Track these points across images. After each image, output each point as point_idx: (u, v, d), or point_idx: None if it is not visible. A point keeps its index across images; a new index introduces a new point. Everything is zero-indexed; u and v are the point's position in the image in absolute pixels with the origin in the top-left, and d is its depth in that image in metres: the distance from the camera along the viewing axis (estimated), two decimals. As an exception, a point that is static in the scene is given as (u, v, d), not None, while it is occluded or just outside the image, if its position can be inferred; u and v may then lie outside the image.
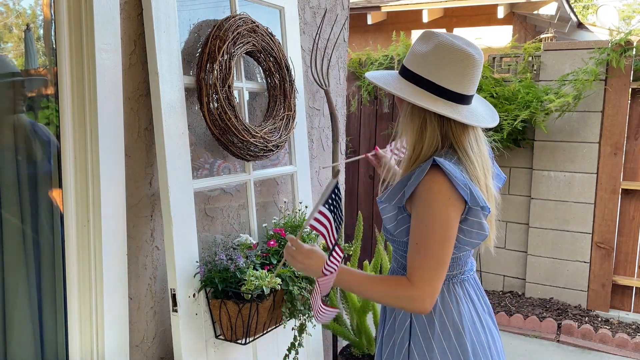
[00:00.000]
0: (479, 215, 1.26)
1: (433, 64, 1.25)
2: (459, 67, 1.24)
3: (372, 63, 4.58)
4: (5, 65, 1.70)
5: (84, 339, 1.69)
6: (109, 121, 1.64)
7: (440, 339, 1.33)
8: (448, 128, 1.28)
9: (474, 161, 1.28)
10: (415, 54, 1.29)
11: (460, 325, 1.33)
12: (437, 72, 1.25)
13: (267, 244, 2.08)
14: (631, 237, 3.94)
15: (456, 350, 1.32)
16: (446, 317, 1.34)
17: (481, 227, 1.28)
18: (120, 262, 1.70)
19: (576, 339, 3.58)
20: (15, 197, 1.73)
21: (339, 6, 2.96)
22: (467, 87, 1.27)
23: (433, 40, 1.26)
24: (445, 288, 1.35)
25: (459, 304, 1.35)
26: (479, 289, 1.46)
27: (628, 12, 16.48)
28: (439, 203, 1.22)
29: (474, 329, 1.35)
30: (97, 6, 1.58)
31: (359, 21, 7.40)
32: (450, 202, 1.21)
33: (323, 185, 2.89)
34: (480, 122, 1.28)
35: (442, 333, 1.33)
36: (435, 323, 1.34)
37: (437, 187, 1.21)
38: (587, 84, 3.74)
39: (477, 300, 1.42)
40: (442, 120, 1.28)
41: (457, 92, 1.26)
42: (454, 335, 1.33)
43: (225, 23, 1.93)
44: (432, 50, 1.25)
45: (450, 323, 1.33)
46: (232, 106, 1.93)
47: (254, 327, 1.85)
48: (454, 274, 1.37)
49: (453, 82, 1.25)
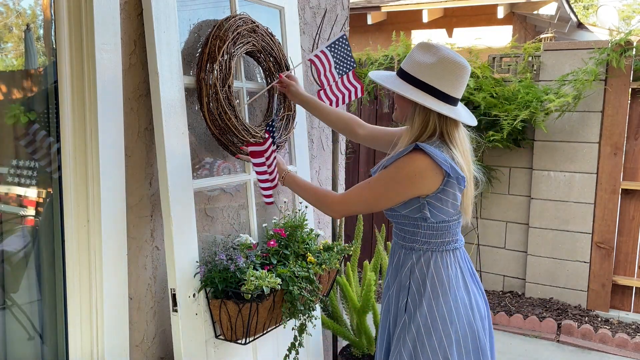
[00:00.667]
0: (454, 188, 1.54)
1: (437, 73, 1.54)
2: (455, 76, 1.55)
3: (372, 63, 4.58)
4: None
5: (84, 339, 1.69)
6: (109, 121, 1.64)
7: (429, 297, 1.59)
8: (444, 124, 1.58)
9: (460, 150, 1.58)
10: (419, 63, 1.56)
11: (447, 286, 1.59)
12: (438, 79, 1.54)
13: (267, 244, 2.08)
14: (631, 237, 3.94)
15: (441, 308, 1.57)
16: (437, 279, 1.60)
17: (455, 198, 1.56)
18: (120, 262, 1.70)
19: (576, 339, 3.58)
20: (15, 197, 1.73)
21: (339, 6, 2.96)
22: (459, 92, 1.59)
23: (436, 53, 1.55)
24: (438, 254, 1.61)
25: (448, 269, 1.61)
26: (467, 260, 1.71)
27: (628, 12, 16.48)
28: (404, 174, 1.53)
29: (459, 291, 1.61)
30: (97, 6, 1.58)
31: (359, 21, 7.40)
32: (419, 177, 1.51)
33: (323, 185, 2.89)
34: (468, 121, 1.61)
35: (431, 292, 1.59)
36: (427, 284, 1.60)
37: (411, 162, 1.52)
38: (587, 84, 3.74)
39: (466, 267, 1.67)
40: (440, 118, 1.57)
41: (452, 96, 1.57)
42: (441, 294, 1.58)
43: (225, 23, 1.93)
44: (437, 62, 1.54)
45: (439, 284, 1.59)
46: (232, 106, 1.93)
47: (254, 327, 1.85)
48: (447, 240, 1.62)
49: (450, 87, 1.55)
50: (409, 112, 1.60)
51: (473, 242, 4.45)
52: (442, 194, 1.54)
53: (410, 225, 1.62)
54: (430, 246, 1.61)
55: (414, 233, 1.63)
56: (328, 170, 2.90)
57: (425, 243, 1.62)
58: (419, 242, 1.62)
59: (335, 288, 2.78)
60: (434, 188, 1.53)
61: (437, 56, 1.55)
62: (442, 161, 1.49)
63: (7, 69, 1.75)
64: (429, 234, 1.60)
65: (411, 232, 1.63)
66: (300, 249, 2.14)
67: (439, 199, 1.54)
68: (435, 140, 1.57)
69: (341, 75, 2.15)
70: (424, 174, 1.51)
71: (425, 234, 1.61)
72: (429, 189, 1.53)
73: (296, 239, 2.15)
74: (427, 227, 1.60)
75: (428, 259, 1.61)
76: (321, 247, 2.26)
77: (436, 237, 1.61)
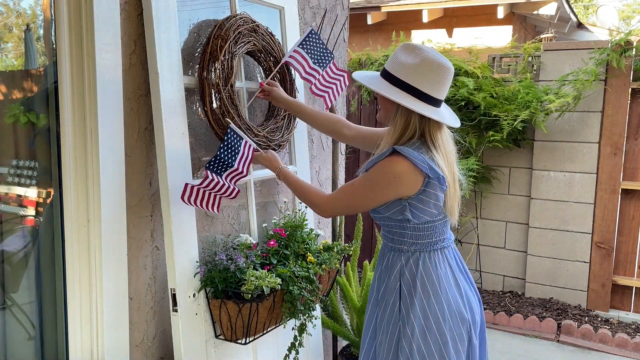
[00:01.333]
0: (436, 189, 1.54)
1: (419, 74, 1.54)
2: (438, 77, 1.55)
3: (372, 63, 4.58)
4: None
5: (84, 339, 1.69)
6: (109, 121, 1.64)
7: (421, 297, 1.60)
8: (426, 126, 1.57)
9: (442, 151, 1.58)
10: (402, 64, 1.56)
11: (437, 285, 1.60)
12: (421, 80, 1.54)
13: (267, 244, 2.08)
14: (631, 237, 3.94)
15: (434, 307, 1.59)
16: (426, 279, 1.61)
17: (437, 199, 1.56)
18: (120, 262, 1.70)
19: (576, 339, 3.58)
20: (15, 197, 1.73)
21: (339, 6, 2.96)
22: (441, 93, 1.58)
23: (419, 54, 1.55)
24: (427, 254, 1.63)
25: (437, 268, 1.62)
26: (458, 257, 1.74)
27: (628, 12, 16.48)
28: (383, 178, 1.54)
29: (450, 289, 1.62)
30: (97, 6, 1.58)
31: (359, 21, 7.40)
32: (397, 180, 1.52)
33: (323, 185, 2.89)
34: (450, 122, 1.61)
35: (422, 292, 1.60)
36: (417, 284, 1.61)
37: (389, 166, 1.53)
38: (587, 84, 3.74)
39: (455, 264, 1.69)
40: (422, 119, 1.57)
41: (434, 97, 1.56)
42: (432, 293, 1.60)
43: (226, 22, 1.93)
44: (420, 62, 1.54)
45: (429, 284, 1.60)
46: (235, 105, 1.93)
47: (254, 327, 1.85)
48: (434, 240, 1.63)
49: (432, 88, 1.55)
50: (391, 113, 1.61)
51: (473, 242, 4.45)
52: (424, 195, 1.55)
53: (397, 227, 1.64)
54: (418, 247, 1.63)
55: (401, 234, 1.64)
56: (328, 170, 2.90)
57: (413, 244, 1.63)
58: (407, 243, 1.64)
59: (335, 288, 2.78)
60: (415, 190, 1.54)
61: (419, 57, 1.55)
62: (420, 163, 1.51)
63: (7, 69, 1.75)
64: (416, 234, 1.62)
65: (398, 234, 1.65)
66: (300, 249, 2.14)
67: (420, 200, 1.55)
68: (416, 141, 1.58)
69: (324, 68, 2.16)
70: (403, 177, 1.52)
71: (412, 234, 1.62)
72: (410, 191, 1.54)
73: (296, 239, 2.15)
74: (413, 229, 1.61)
75: (417, 260, 1.62)
76: (321, 247, 2.26)
77: (423, 237, 1.62)
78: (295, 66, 2.10)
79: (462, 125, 4.02)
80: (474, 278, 4.46)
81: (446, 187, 1.56)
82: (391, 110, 1.61)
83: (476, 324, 1.68)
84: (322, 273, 2.10)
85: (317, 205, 1.72)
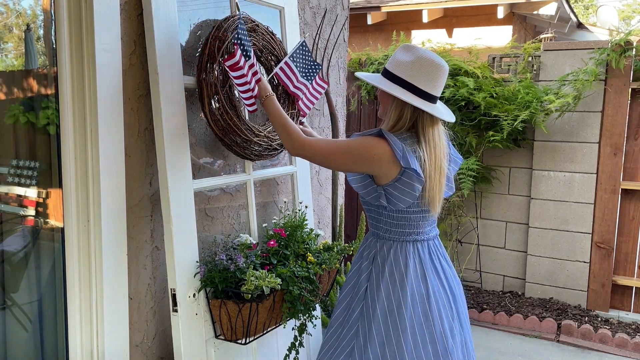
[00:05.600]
0: (412, 179, 1.60)
1: (414, 71, 1.64)
2: (431, 74, 1.64)
3: (372, 63, 4.58)
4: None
5: (84, 339, 1.69)
6: (109, 121, 1.64)
7: (387, 283, 1.69)
8: (418, 118, 1.66)
9: (431, 145, 1.65)
10: (398, 62, 1.67)
11: (404, 275, 1.68)
12: (415, 77, 1.64)
13: (267, 244, 2.08)
14: (631, 237, 3.94)
15: (398, 294, 1.67)
16: (395, 266, 1.69)
17: (413, 189, 1.62)
18: (120, 262, 1.71)
19: (576, 339, 3.58)
20: (15, 197, 1.73)
21: (339, 6, 2.96)
22: (435, 89, 1.66)
23: (414, 53, 1.66)
24: (398, 245, 1.71)
25: (406, 259, 1.70)
26: (438, 253, 1.78)
27: (628, 12, 16.48)
28: (362, 152, 1.61)
29: (416, 281, 1.69)
30: (97, 6, 1.58)
31: (359, 21, 7.40)
32: (375, 159, 1.59)
33: (323, 185, 2.89)
34: (443, 116, 1.68)
35: (389, 278, 1.69)
36: (386, 271, 1.70)
37: (371, 145, 1.60)
38: (587, 84, 3.74)
39: (429, 260, 1.74)
40: (415, 112, 1.65)
41: (428, 92, 1.65)
42: (398, 281, 1.68)
43: (224, 23, 1.93)
44: (414, 60, 1.65)
45: (397, 272, 1.69)
46: (234, 106, 1.93)
47: (254, 327, 1.85)
48: (407, 232, 1.71)
49: (426, 84, 1.64)
50: (388, 106, 1.70)
51: (473, 242, 4.45)
52: (399, 184, 1.62)
53: (374, 213, 1.74)
54: (392, 235, 1.71)
55: (378, 220, 1.74)
56: (328, 170, 2.90)
57: (387, 231, 1.72)
58: (382, 229, 1.73)
59: (335, 288, 2.78)
60: (391, 176, 1.61)
61: (414, 55, 1.65)
62: (398, 151, 1.58)
63: (7, 69, 1.75)
64: (390, 222, 1.70)
65: (376, 220, 1.74)
66: (300, 249, 2.14)
67: (395, 188, 1.62)
68: (405, 132, 1.67)
69: (311, 81, 2.18)
70: (381, 159, 1.59)
71: (387, 222, 1.71)
72: (385, 175, 1.62)
73: (296, 239, 2.15)
74: (387, 216, 1.69)
75: (390, 247, 1.71)
76: (321, 247, 2.26)
77: (396, 226, 1.70)
78: (283, 79, 2.12)
79: (462, 125, 4.04)
80: (474, 278, 4.46)
81: (423, 179, 1.62)
82: (388, 104, 1.70)
83: (449, 319, 1.70)
84: (322, 273, 2.10)
85: (293, 140, 1.71)
